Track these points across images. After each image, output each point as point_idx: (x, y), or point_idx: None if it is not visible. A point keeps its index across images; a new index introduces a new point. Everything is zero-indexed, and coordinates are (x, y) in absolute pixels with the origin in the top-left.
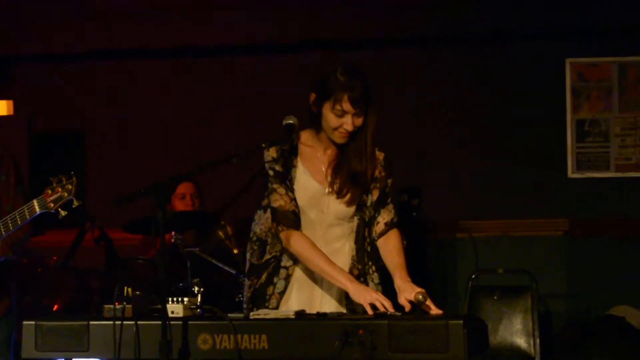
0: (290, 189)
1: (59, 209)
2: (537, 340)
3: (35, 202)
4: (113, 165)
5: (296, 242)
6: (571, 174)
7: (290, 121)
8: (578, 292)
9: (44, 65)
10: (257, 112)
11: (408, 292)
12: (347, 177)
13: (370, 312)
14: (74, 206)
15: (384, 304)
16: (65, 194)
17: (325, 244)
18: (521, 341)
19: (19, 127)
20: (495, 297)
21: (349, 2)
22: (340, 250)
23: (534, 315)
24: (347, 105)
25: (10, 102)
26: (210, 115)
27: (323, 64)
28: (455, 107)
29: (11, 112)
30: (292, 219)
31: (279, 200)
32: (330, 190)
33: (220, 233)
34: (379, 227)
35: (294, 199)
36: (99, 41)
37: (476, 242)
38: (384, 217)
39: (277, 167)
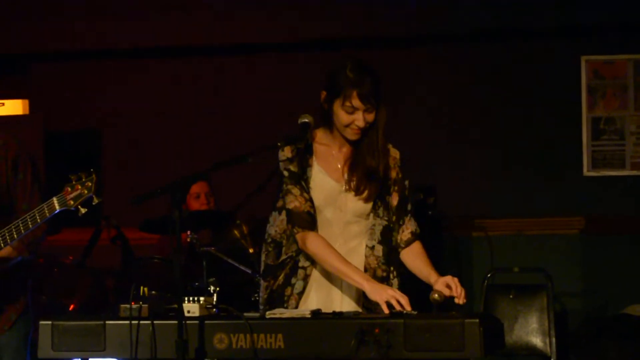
0: (305, 189)
1: (79, 207)
2: (553, 339)
3: (55, 199)
4: (129, 164)
5: (312, 243)
6: (587, 172)
7: (306, 120)
8: (594, 290)
9: (60, 64)
10: (273, 111)
11: (442, 282)
12: (363, 174)
13: (386, 310)
14: (94, 203)
15: (400, 300)
16: (85, 191)
17: (343, 243)
18: (537, 340)
19: (35, 126)
20: (510, 296)
21: (365, 1)
22: (357, 248)
23: (549, 314)
24: (356, 102)
25: (26, 101)
26: (227, 114)
27: (336, 62)
28: (471, 105)
29: (27, 112)
30: (307, 220)
31: (294, 201)
32: (347, 187)
33: (236, 232)
34: (405, 235)
35: (310, 199)
36: (115, 39)
37: (492, 240)
38: (409, 226)
39: (292, 168)
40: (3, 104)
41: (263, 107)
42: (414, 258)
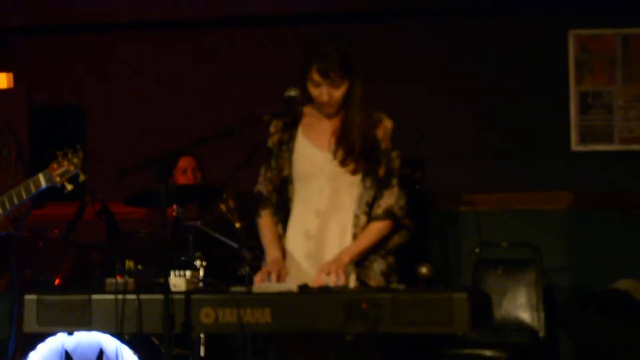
0: (270, 167)
1: (65, 183)
2: (542, 314)
3: (41, 175)
4: (113, 138)
5: (260, 226)
6: (575, 146)
7: (292, 93)
8: (582, 265)
9: (45, 38)
10: (260, 85)
11: (326, 264)
12: (347, 147)
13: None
14: (80, 180)
15: (271, 277)
16: (72, 168)
17: (334, 211)
18: (525, 315)
19: (19, 100)
20: (499, 271)
21: None
22: (347, 218)
23: (538, 289)
24: (316, 76)
25: (10, 74)
26: (213, 88)
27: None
28: (458, 81)
29: (11, 85)
30: (261, 200)
31: (258, 184)
32: (333, 158)
33: (222, 206)
34: (379, 210)
35: (270, 179)
36: (99, 14)
37: (479, 215)
38: (387, 201)
39: (269, 143)
40: None
41: (249, 81)
42: (362, 232)
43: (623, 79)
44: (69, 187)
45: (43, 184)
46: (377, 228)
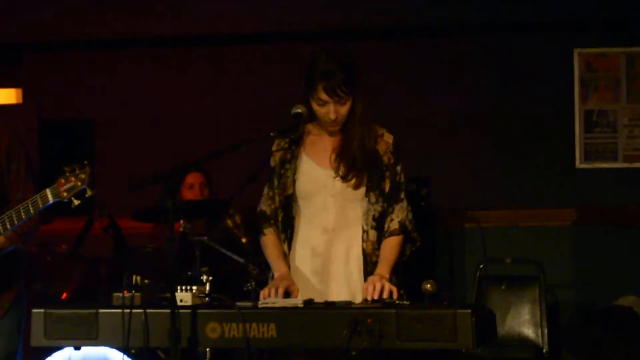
0: (272, 186)
1: (72, 199)
2: (545, 330)
3: (48, 191)
4: (122, 153)
5: (263, 245)
6: (579, 164)
7: (299, 110)
8: (586, 282)
9: (53, 53)
10: (268, 101)
11: (371, 281)
12: (349, 162)
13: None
14: (87, 196)
15: (279, 291)
16: (79, 183)
17: (340, 228)
18: (529, 331)
19: (28, 115)
20: (503, 287)
21: None
22: (355, 234)
23: (541, 305)
24: (323, 95)
25: (19, 90)
26: (221, 104)
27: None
28: (464, 98)
29: (20, 100)
30: (264, 219)
31: (261, 204)
32: (336, 175)
33: (229, 222)
34: (393, 225)
35: (272, 197)
36: (108, 29)
37: (484, 232)
38: (399, 215)
39: (271, 162)
40: None
41: (258, 98)
42: (382, 249)
43: (628, 97)
44: (76, 202)
45: (50, 199)
46: (396, 242)
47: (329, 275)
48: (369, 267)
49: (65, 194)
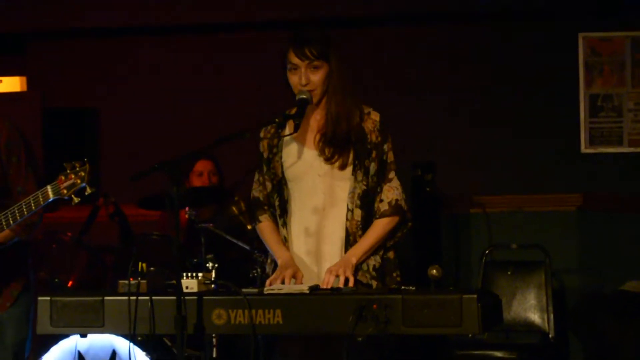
0: (262, 172)
1: (73, 196)
2: (551, 316)
3: (49, 188)
4: (127, 141)
5: (260, 232)
6: (584, 149)
7: (304, 95)
8: (592, 267)
9: (58, 42)
10: (274, 88)
11: (334, 266)
12: (331, 141)
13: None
14: (86, 193)
15: (285, 280)
16: (79, 181)
17: (330, 206)
18: (535, 316)
19: (33, 104)
20: (509, 272)
21: None
22: (340, 212)
23: (547, 291)
24: (294, 58)
25: (24, 78)
26: (226, 91)
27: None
28: (469, 83)
29: (25, 89)
30: (258, 205)
31: (253, 191)
32: (321, 154)
33: (234, 209)
34: (383, 206)
35: (263, 182)
36: (113, 18)
37: (490, 217)
38: (388, 195)
39: (260, 149)
40: (1, 81)
41: (266, 83)
42: (368, 229)
43: (633, 81)
44: (76, 199)
45: (51, 196)
46: (383, 224)
47: (322, 255)
48: (350, 247)
49: (65, 192)
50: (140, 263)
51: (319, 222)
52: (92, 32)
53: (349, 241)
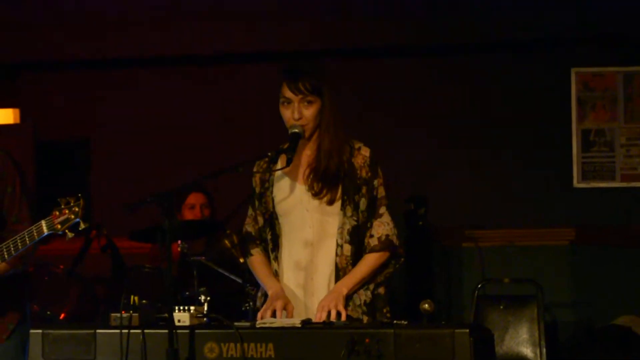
0: (254, 206)
1: (66, 231)
2: (544, 350)
3: (43, 223)
4: (119, 173)
5: (252, 266)
6: (577, 183)
7: (296, 130)
8: (584, 301)
9: (50, 73)
10: (266, 121)
11: (326, 299)
12: (320, 177)
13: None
14: (80, 228)
15: (275, 312)
16: (72, 216)
17: (318, 242)
18: (527, 351)
19: (25, 135)
20: (501, 307)
21: (354, 10)
22: (330, 247)
23: (540, 325)
24: (287, 92)
25: (17, 110)
26: (218, 124)
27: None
28: (462, 117)
29: (17, 121)
30: (250, 240)
31: (246, 225)
32: (310, 190)
33: (227, 242)
34: (373, 241)
35: (255, 217)
36: (104, 49)
37: (482, 251)
38: (378, 231)
39: (253, 184)
40: None
41: (255, 117)
42: (357, 264)
43: (625, 116)
44: (70, 235)
45: (45, 231)
46: (374, 259)
47: (312, 288)
48: None
49: (59, 227)
50: (132, 296)
51: (310, 256)
52: (84, 64)
53: (339, 276)
